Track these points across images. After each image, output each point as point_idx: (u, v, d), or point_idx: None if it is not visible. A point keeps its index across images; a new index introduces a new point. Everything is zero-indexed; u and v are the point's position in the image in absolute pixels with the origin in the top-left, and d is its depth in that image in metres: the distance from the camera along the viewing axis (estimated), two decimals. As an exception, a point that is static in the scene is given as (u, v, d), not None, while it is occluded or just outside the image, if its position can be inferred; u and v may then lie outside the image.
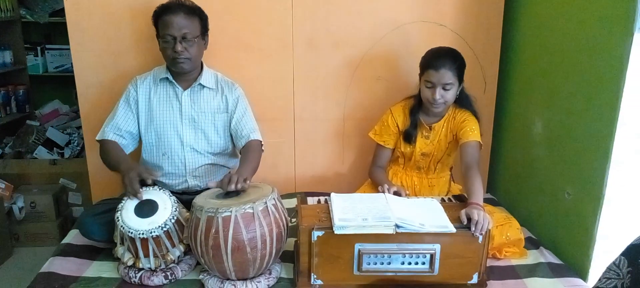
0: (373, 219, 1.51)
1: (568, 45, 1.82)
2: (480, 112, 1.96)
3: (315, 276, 1.57)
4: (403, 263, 1.55)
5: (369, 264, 1.55)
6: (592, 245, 1.68)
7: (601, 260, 1.67)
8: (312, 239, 1.52)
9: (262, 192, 1.61)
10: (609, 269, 0.98)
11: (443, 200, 1.80)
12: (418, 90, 1.94)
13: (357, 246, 1.52)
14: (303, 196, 1.80)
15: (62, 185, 2.94)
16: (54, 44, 3.64)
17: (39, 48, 3.57)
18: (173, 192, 1.79)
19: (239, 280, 1.57)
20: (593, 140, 1.67)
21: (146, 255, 1.60)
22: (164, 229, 1.59)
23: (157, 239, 1.60)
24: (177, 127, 1.91)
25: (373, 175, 2.04)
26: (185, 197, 1.84)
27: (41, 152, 3.12)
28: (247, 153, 1.85)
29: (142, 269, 1.62)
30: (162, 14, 1.79)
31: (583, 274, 1.71)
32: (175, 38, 1.77)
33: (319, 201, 1.75)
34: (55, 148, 3.19)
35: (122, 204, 1.63)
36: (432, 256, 1.53)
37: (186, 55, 1.80)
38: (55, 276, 1.64)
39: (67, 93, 3.64)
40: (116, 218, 1.60)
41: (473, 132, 1.85)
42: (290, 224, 1.66)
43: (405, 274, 1.56)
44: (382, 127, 2.03)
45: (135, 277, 1.62)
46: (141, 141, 1.95)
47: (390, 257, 1.54)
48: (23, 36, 3.48)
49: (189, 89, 1.91)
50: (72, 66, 2.15)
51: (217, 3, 2.08)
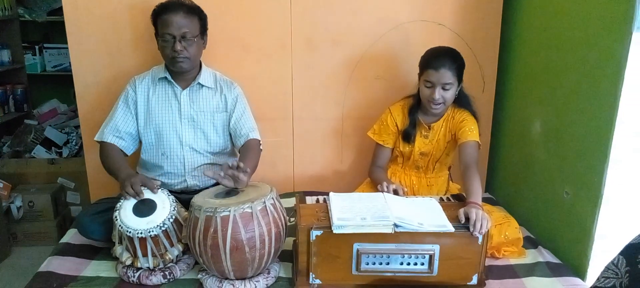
0: (372, 218, 1.51)
1: (567, 44, 1.82)
2: (478, 112, 1.96)
3: (313, 275, 1.57)
4: (402, 263, 1.55)
5: (368, 264, 1.55)
6: (591, 244, 1.68)
7: (599, 259, 1.67)
8: (311, 238, 1.52)
9: (261, 192, 1.61)
10: (608, 268, 0.98)
11: (442, 199, 1.80)
12: (417, 89, 1.94)
13: (356, 246, 1.52)
14: (302, 195, 1.80)
15: (61, 184, 2.94)
16: (52, 43, 3.62)
17: (37, 47, 3.55)
18: (172, 192, 1.79)
19: (238, 279, 1.57)
20: (592, 139, 1.68)
21: (144, 254, 1.60)
22: (163, 229, 1.59)
23: (156, 238, 1.59)
24: (176, 127, 1.90)
25: (373, 175, 2.04)
26: (184, 197, 1.84)
27: (39, 152, 3.11)
28: (246, 152, 1.85)
29: (141, 268, 1.62)
30: (162, 13, 1.78)
31: (581, 273, 1.71)
32: (174, 37, 1.77)
33: (318, 200, 1.75)
34: (53, 147, 3.18)
35: (121, 203, 1.63)
36: (431, 257, 1.53)
37: (185, 54, 1.80)
38: (53, 275, 1.63)
39: (66, 92, 3.62)
40: (114, 217, 1.60)
41: (472, 132, 1.85)
42: (288, 223, 1.66)
43: (404, 275, 1.56)
44: (382, 127, 2.03)
45: (133, 277, 1.62)
46: (141, 141, 1.95)
47: (389, 257, 1.54)
48: (21, 35, 3.46)
49: (188, 89, 1.91)
50: (71, 65, 2.15)
51: (216, 2, 2.07)
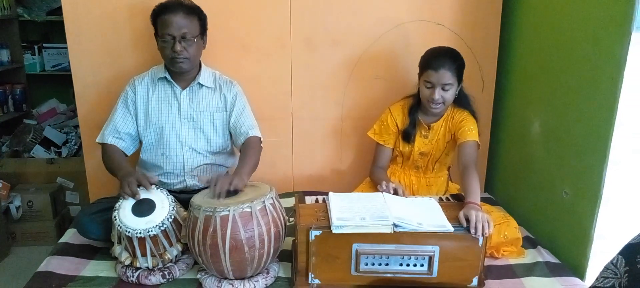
0: (371, 218, 1.51)
1: (566, 44, 1.82)
2: (478, 112, 1.96)
3: (313, 275, 1.57)
4: (401, 264, 1.54)
5: (367, 265, 1.54)
6: (590, 244, 1.68)
7: (598, 259, 1.67)
8: (310, 238, 1.51)
9: (260, 192, 1.61)
10: (607, 268, 0.98)
11: (441, 199, 1.80)
12: (417, 89, 1.94)
13: (355, 246, 1.52)
14: (301, 195, 1.79)
15: (60, 184, 2.93)
16: (52, 43, 3.62)
17: (36, 47, 3.55)
18: (171, 191, 1.79)
19: (237, 279, 1.57)
20: (591, 139, 1.68)
21: (144, 254, 1.60)
22: (162, 228, 1.59)
23: (155, 238, 1.59)
24: (176, 127, 1.90)
25: (374, 175, 2.03)
26: (183, 196, 1.84)
27: (38, 151, 3.11)
28: (246, 151, 1.84)
29: (140, 268, 1.62)
30: (161, 13, 1.78)
31: (580, 273, 1.71)
32: (174, 38, 1.76)
33: (317, 200, 1.75)
34: (52, 147, 3.18)
35: (120, 203, 1.63)
36: (431, 258, 1.53)
37: (185, 55, 1.79)
38: (52, 275, 1.63)
39: (65, 92, 3.62)
40: (113, 217, 1.59)
41: (471, 132, 1.85)
42: (288, 223, 1.66)
43: (403, 276, 1.56)
44: (382, 127, 2.03)
45: (132, 276, 1.61)
46: (141, 141, 1.95)
47: (388, 258, 1.54)
48: (20, 35, 3.46)
49: (188, 89, 1.90)
50: (70, 65, 2.15)
51: (216, 2, 2.07)
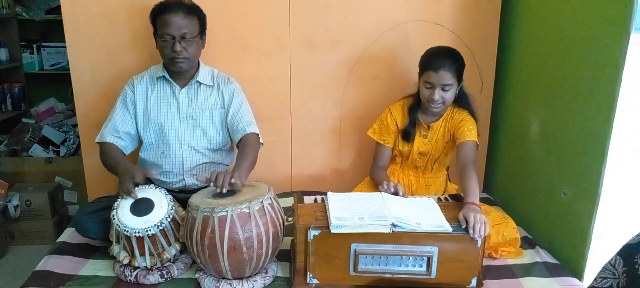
0: (369, 218, 1.51)
1: (565, 44, 1.82)
2: (477, 112, 1.96)
3: (311, 275, 1.57)
4: (400, 265, 1.54)
5: (366, 265, 1.54)
6: (588, 244, 1.68)
7: (597, 259, 1.68)
8: (309, 238, 1.51)
9: (259, 191, 1.60)
10: (605, 269, 0.98)
11: (440, 199, 1.79)
12: (417, 89, 1.94)
13: (353, 246, 1.52)
14: (299, 195, 1.79)
15: (58, 183, 2.93)
16: (50, 42, 3.61)
17: (35, 45, 3.54)
18: (170, 191, 1.79)
19: (235, 279, 1.57)
20: (589, 139, 1.68)
21: (142, 253, 1.60)
22: (160, 228, 1.59)
23: (153, 238, 1.59)
24: (175, 126, 1.90)
25: (374, 175, 2.03)
26: (181, 196, 1.84)
27: (37, 150, 3.10)
28: (244, 149, 1.83)
29: (138, 268, 1.62)
30: (161, 13, 1.77)
31: (579, 274, 1.72)
32: (174, 38, 1.76)
33: (316, 200, 1.75)
34: (50, 146, 3.17)
35: (118, 202, 1.63)
36: (430, 259, 1.53)
37: (185, 54, 1.79)
38: (50, 274, 1.63)
39: (63, 91, 3.61)
40: (112, 216, 1.59)
41: (470, 132, 1.85)
42: (286, 223, 1.66)
43: (402, 276, 1.56)
44: (382, 126, 2.03)
45: (131, 276, 1.61)
46: (141, 140, 1.94)
47: (387, 259, 1.54)
48: (19, 33, 3.45)
49: (186, 87, 1.90)
50: (68, 64, 2.15)
51: (215, 2, 2.07)
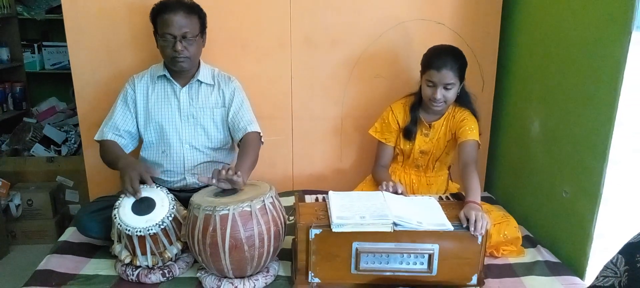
0: (371, 217, 1.51)
1: (566, 43, 1.82)
2: (478, 111, 1.96)
3: (312, 274, 1.57)
4: (401, 263, 1.54)
5: (367, 263, 1.54)
6: (589, 243, 1.68)
7: (598, 258, 1.68)
8: (310, 237, 1.51)
9: (260, 190, 1.60)
10: (606, 267, 0.98)
11: (441, 198, 1.79)
12: (418, 87, 1.94)
13: (355, 245, 1.52)
14: (301, 194, 1.79)
15: (59, 182, 2.93)
16: (51, 41, 3.61)
17: (36, 45, 3.54)
18: (171, 190, 1.79)
19: (237, 278, 1.57)
20: (591, 139, 1.68)
21: (143, 252, 1.60)
22: (162, 227, 1.59)
23: (155, 237, 1.59)
24: (176, 125, 1.90)
25: (376, 174, 2.03)
26: (183, 195, 1.84)
27: (38, 150, 3.11)
28: (245, 147, 1.83)
29: (140, 267, 1.62)
30: (161, 12, 1.77)
31: (580, 272, 1.72)
32: (175, 37, 1.76)
33: (317, 199, 1.75)
34: (52, 145, 3.18)
35: (120, 202, 1.63)
36: (431, 256, 1.53)
37: (186, 54, 1.79)
38: (52, 274, 1.64)
39: (64, 90, 3.62)
40: (113, 215, 1.59)
41: (472, 131, 1.85)
42: (288, 222, 1.66)
43: (403, 274, 1.56)
44: (383, 125, 2.03)
45: (132, 275, 1.61)
46: (141, 139, 1.94)
47: (388, 257, 1.54)
48: (20, 33, 3.45)
49: (187, 86, 1.90)
50: (69, 63, 2.15)
51: (215, 1, 2.07)
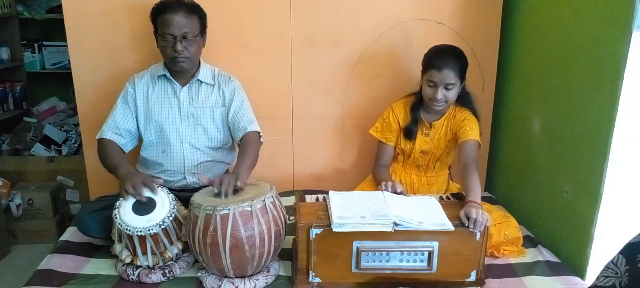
0: (371, 217, 1.51)
1: (567, 43, 1.82)
2: (479, 111, 1.96)
3: (313, 274, 1.57)
4: (401, 260, 1.55)
5: (368, 262, 1.55)
6: (590, 243, 1.68)
7: (599, 258, 1.68)
8: (311, 237, 1.52)
9: (261, 190, 1.61)
10: (607, 268, 0.98)
11: (441, 198, 1.80)
12: (419, 87, 1.94)
13: (356, 244, 1.52)
14: (301, 194, 1.80)
15: (60, 182, 2.93)
16: (52, 41, 3.62)
17: (36, 45, 3.55)
18: (171, 189, 1.79)
19: (237, 277, 1.57)
20: (591, 139, 1.68)
21: (144, 252, 1.60)
22: (162, 227, 1.59)
23: (155, 237, 1.59)
24: (176, 124, 1.90)
25: (377, 174, 2.02)
26: (183, 195, 1.84)
27: (38, 149, 3.11)
28: (245, 148, 1.83)
29: (140, 267, 1.62)
30: (162, 12, 1.77)
31: (581, 272, 1.72)
32: (175, 37, 1.76)
33: (317, 199, 1.75)
34: (52, 145, 3.18)
35: (120, 201, 1.63)
36: (430, 253, 1.54)
37: (186, 54, 1.79)
38: (53, 273, 1.64)
39: (65, 90, 3.62)
40: (114, 215, 1.60)
41: (472, 131, 1.85)
42: (288, 222, 1.66)
43: (403, 272, 1.57)
44: (384, 124, 2.03)
45: (133, 275, 1.62)
46: (141, 139, 1.94)
47: (388, 255, 1.54)
48: (20, 33, 3.46)
49: (187, 86, 1.90)
50: (70, 63, 2.15)
51: (216, 1, 2.07)
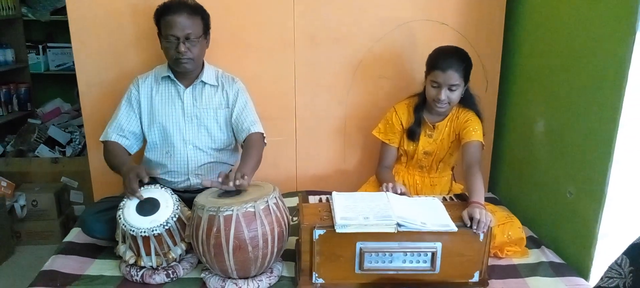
0: (374, 218, 1.51)
1: (570, 44, 1.82)
2: (482, 112, 1.96)
3: (316, 275, 1.57)
4: (404, 261, 1.55)
5: (371, 263, 1.55)
6: (594, 244, 1.67)
7: (602, 259, 1.67)
8: (314, 238, 1.52)
9: (264, 191, 1.61)
10: (611, 268, 0.98)
11: (445, 199, 1.79)
12: (422, 88, 1.94)
13: (359, 245, 1.52)
14: (304, 195, 1.80)
15: (64, 183, 2.94)
16: (56, 42, 3.63)
17: (41, 46, 3.56)
18: (175, 190, 1.79)
19: (241, 278, 1.58)
20: (595, 139, 1.67)
21: (148, 253, 1.61)
22: (166, 227, 1.59)
23: (159, 237, 1.60)
24: (180, 125, 1.91)
25: (380, 175, 2.02)
26: (187, 196, 1.84)
27: (43, 151, 3.12)
28: (248, 148, 1.83)
29: (144, 267, 1.63)
30: (165, 14, 1.77)
31: (584, 273, 1.71)
32: (178, 38, 1.76)
33: (321, 200, 1.75)
34: (56, 146, 3.19)
35: (124, 202, 1.64)
36: (434, 254, 1.53)
37: (189, 55, 1.79)
38: (57, 274, 1.64)
39: (69, 91, 3.63)
40: (118, 216, 1.60)
41: (476, 132, 1.85)
42: (291, 223, 1.67)
43: (406, 273, 1.56)
44: (387, 126, 2.03)
45: (136, 275, 1.62)
46: (145, 140, 1.95)
47: (391, 256, 1.54)
48: (24, 34, 3.47)
49: (191, 87, 1.91)
50: (74, 64, 2.15)
51: (219, 1, 2.07)
